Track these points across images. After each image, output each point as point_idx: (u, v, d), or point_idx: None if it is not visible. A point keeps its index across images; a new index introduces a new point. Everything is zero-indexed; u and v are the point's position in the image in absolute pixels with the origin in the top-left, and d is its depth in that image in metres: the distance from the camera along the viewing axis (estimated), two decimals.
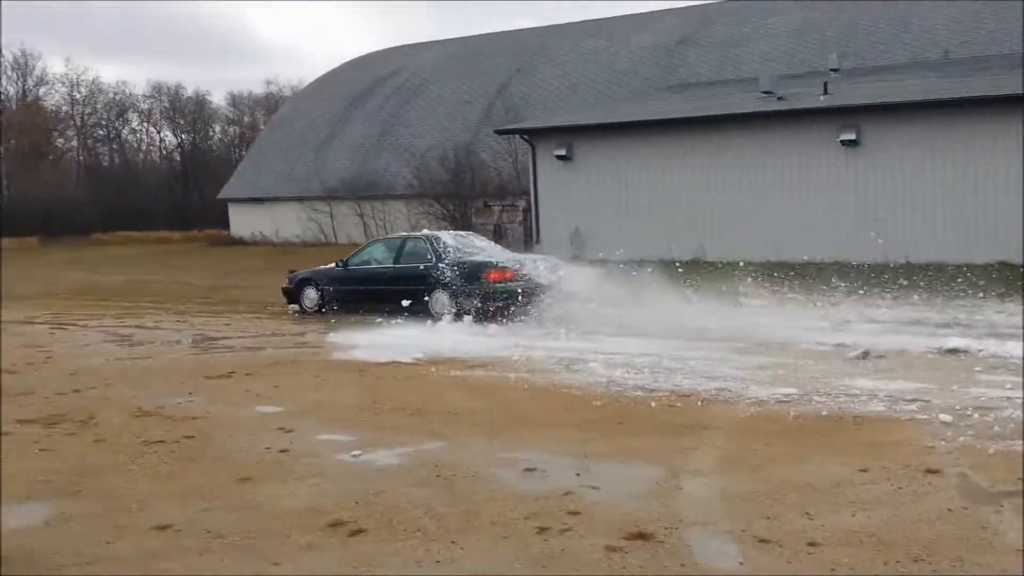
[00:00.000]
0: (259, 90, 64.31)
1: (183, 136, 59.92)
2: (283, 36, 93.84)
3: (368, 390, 7.91)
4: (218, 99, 75.00)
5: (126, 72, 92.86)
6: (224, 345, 10.95)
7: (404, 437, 6.18)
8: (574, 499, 4.70)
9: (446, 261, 13.06)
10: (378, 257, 14.44)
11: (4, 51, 54.09)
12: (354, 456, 5.69)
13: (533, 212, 23.10)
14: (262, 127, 53.03)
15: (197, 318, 14.20)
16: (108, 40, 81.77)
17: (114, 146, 59.49)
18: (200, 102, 59.45)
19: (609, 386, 7.71)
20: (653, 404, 6.96)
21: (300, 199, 36.89)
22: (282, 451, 5.82)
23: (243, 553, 4.05)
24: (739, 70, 27.18)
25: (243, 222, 39.15)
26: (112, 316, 14.45)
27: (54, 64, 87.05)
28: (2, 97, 53.45)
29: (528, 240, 23.49)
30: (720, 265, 16.93)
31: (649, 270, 12.97)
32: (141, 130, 60.55)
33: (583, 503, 4.64)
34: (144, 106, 59.00)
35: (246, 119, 60.66)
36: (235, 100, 61.15)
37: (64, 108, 56.15)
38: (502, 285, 12.53)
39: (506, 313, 12.24)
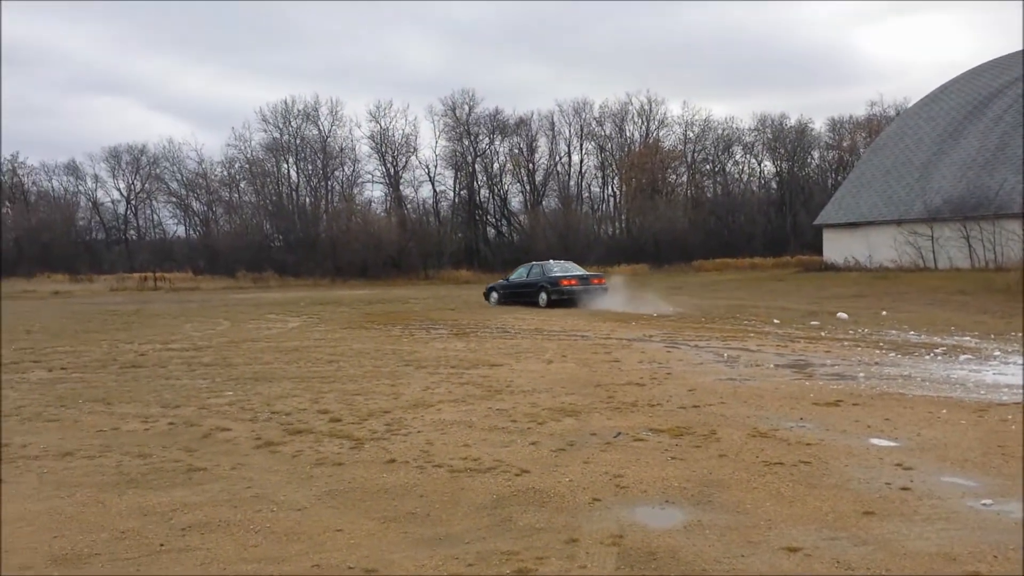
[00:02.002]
0: (860, 112, 63.02)
1: (782, 164, 61.60)
2: (891, 53, 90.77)
3: (992, 433, 7.18)
4: (819, 125, 75.40)
5: (735, 108, 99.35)
6: (826, 372, 10.94)
7: None
8: None
9: (548, 276, 24.42)
10: (520, 275, 25.90)
11: (633, 100, 61.75)
12: (984, 504, 5.23)
13: None
14: (862, 150, 51.80)
15: (796, 344, 14.42)
16: (722, 80, 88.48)
17: (718, 179, 63.81)
18: (801, 130, 60.54)
19: None
20: None
21: (898, 222, 35.11)
22: (903, 488, 5.61)
23: None
24: None
25: (837, 247, 38.64)
26: (718, 338, 15.47)
27: (673, 108, 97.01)
28: (627, 140, 61.12)
29: None
30: None
31: None
32: (743, 161, 63.90)
33: None
34: (748, 139, 62.18)
35: (845, 143, 59.96)
36: (835, 125, 60.93)
37: (679, 147, 62.09)
38: (569, 287, 23.89)
39: (572, 304, 23.58)
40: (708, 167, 64.05)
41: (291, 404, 9.24)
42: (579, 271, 25.52)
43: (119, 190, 62.14)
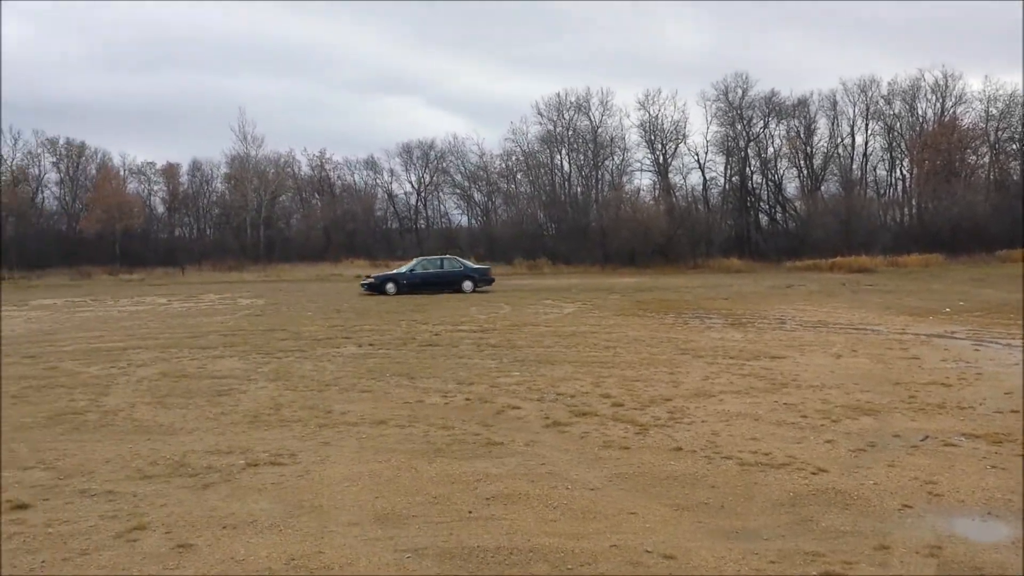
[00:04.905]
0: None
1: None
2: None
3: None
4: None
5: None
6: None
7: None
8: None
9: (472, 267, 30.44)
10: (428, 266, 29.92)
11: (925, 75, 56.56)
12: None
13: None
14: None
15: None
16: None
17: None
18: None
19: None
20: None
21: None
22: None
23: None
24: None
25: None
26: None
27: (973, 83, 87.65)
28: (919, 119, 56.11)
29: None
30: None
31: None
32: None
33: None
34: None
35: None
36: None
37: (979, 125, 55.99)
38: (490, 276, 30.48)
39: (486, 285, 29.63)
40: (1015, 147, 57.04)
41: (574, 387, 9.51)
42: (482, 264, 33.50)
43: (411, 183, 66.94)
